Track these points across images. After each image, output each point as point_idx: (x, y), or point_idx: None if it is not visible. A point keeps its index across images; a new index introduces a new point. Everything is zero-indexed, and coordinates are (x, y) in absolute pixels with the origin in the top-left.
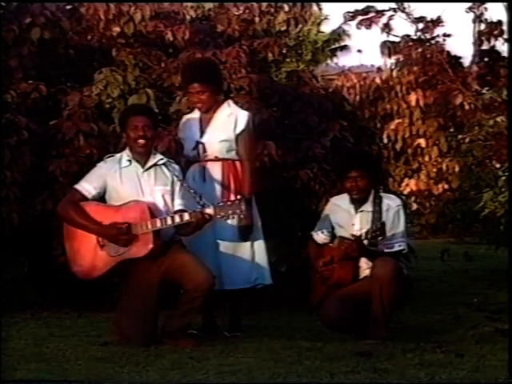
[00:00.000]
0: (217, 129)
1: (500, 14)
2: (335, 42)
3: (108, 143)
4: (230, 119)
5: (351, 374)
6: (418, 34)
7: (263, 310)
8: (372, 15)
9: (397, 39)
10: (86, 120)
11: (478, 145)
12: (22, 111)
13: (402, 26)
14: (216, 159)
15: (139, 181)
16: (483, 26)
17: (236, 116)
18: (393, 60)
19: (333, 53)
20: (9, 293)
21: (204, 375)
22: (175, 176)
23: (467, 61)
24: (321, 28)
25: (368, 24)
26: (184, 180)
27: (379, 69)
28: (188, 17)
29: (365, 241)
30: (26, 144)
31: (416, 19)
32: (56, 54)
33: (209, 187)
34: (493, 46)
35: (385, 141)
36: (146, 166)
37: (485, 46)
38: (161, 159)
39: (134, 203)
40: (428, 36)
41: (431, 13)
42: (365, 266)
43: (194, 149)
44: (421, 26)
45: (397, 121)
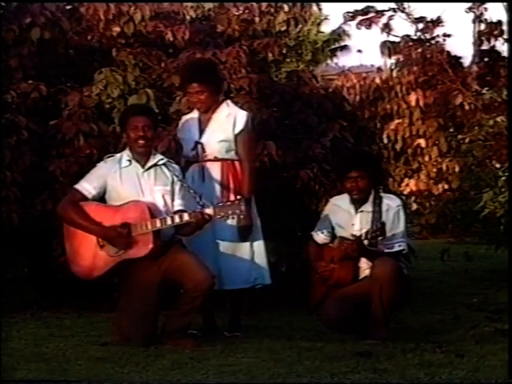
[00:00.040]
0: (216, 129)
1: (500, 14)
2: (335, 42)
3: (108, 143)
4: (229, 119)
5: (351, 374)
6: (418, 34)
7: (263, 310)
8: (372, 15)
9: (397, 39)
10: (86, 120)
11: (478, 145)
12: (22, 111)
13: (402, 26)
14: (215, 159)
15: (139, 181)
16: (483, 26)
17: (235, 116)
18: (393, 60)
19: (333, 53)
20: (9, 293)
21: (204, 375)
22: (175, 176)
23: (467, 61)
24: (321, 28)
25: (368, 24)
26: (184, 180)
27: (379, 69)
28: (188, 17)
29: (365, 241)
30: (26, 144)
31: (416, 19)
32: (56, 54)
33: (208, 187)
34: (493, 46)
35: (385, 141)
36: (146, 166)
37: (485, 46)
38: (161, 159)
39: (134, 203)
40: (428, 36)
41: (431, 13)
42: (365, 266)
43: (193, 149)
44: (421, 26)
45: (397, 121)
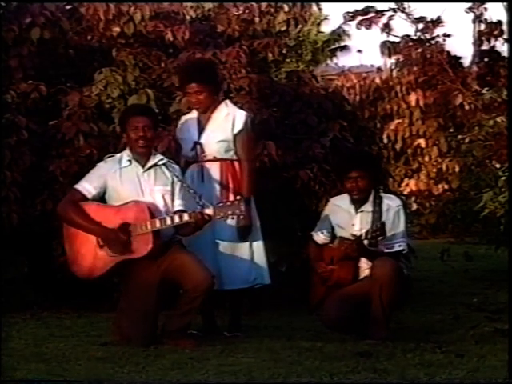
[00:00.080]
0: (215, 129)
1: (500, 14)
2: (335, 42)
3: (108, 143)
4: (228, 119)
5: (351, 374)
6: (418, 34)
7: (263, 310)
8: (372, 15)
9: (397, 39)
10: (86, 120)
11: (478, 145)
12: (22, 111)
13: (402, 26)
14: (214, 159)
15: (139, 181)
16: (483, 26)
17: (234, 116)
18: (393, 60)
19: (333, 53)
20: (9, 293)
21: (204, 375)
22: (175, 176)
23: (467, 61)
24: (321, 28)
25: (368, 24)
26: (184, 180)
27: (379, 69)
28: (188, 17)
29: (365, 241)
30: (26, 144)
31: (416, 19)
32: (56, 54)
33: (207, 187)
34: (493, 46)
35: (385, 141)
36: (146, 167)
37: (485, 46)
38: (161, 159)
39: (134, 203)
40: (428, 36)
41: (431, 13)
42: (365, 267)
43: (193, 149)
44: (421, 26)
45: (397, 121)
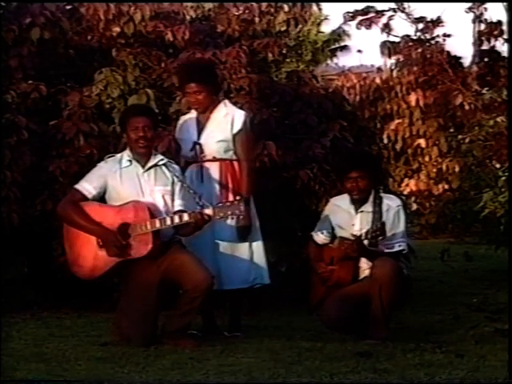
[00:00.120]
0: (214, 129)
1: (500, 14)
2: (335, 42)
3: (108, 143)
4: (227, 119)
5: (351, 374)
6: (418, 35)
7: (263, 310)
8: (372, 15)
9: (397, 39)
10: (86, 120)
11: (478, 145)
12: (22, 111)
13: (402, 26)
14: (214, 159)
15: (139, 181)
16: (483, 26)
17: (233, 116)
18: (393, 60)
19: (333, 53)
20: (9, 293)
21: (204, 375)
22: (175, 176)
23: (467, 61)
24: (321, 28)
25: (368, 24)
26: (184, 180)
27: (379, 69)
28: (188, 17)
29: (365, 241)
30: (26, 144)
31: (416, 19)
32: (56, 54)
33: (207, 187)
34: (493, 47)
35: (385, 141)
36: (147, 167)
37: (485, 46)
38: (161, 160)
39: (134, 203)
40: (428, 36)
41: (431, 13)
42: (365, 267)
43: (192, 149)
44: (421, 26)
45: (397, 121)
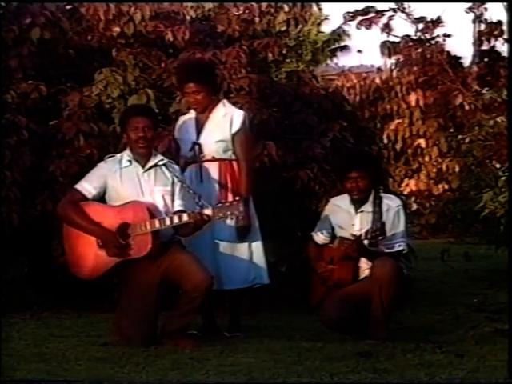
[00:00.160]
0: (213, 129)
1: (500, 15)
2: (335, 43)
3: (108, 143)
4: (226, 119)
5: (351, 375)
6: (418, 35)
7: (263, 310)
8: (372, 15)
9: (397, 39)
10: (86, 120)
11: (478, 145)
12: (22, 111)
13: (402, 27)
14: (213, 159)
15: (139, 181)
16: (483, 27)
17: (231, 116)
18: (393, 60)
19: (333, 53)
20: (9, 293)
21: (204, 375)
22: (175, 177)
23: (467, 61)
24: (321, 28)
25: (368, 24)
26: (184, 181)
27: (379, 69)
28: (188, 17)
29: (365, 241)
30: (26, 144)
31: (416, 19)
32: (56, 54)
33: (206, 187)
34: (493, 47)
35: (385, 141)
36: (147, 167)
37: (485, 47)
38: (161, 160)
39: (134, 204)
40: (428, 36)
41: (431, 13)
42: (365, 267)
43: (191, 149)
44: (421, 27)
45: (397, 121)
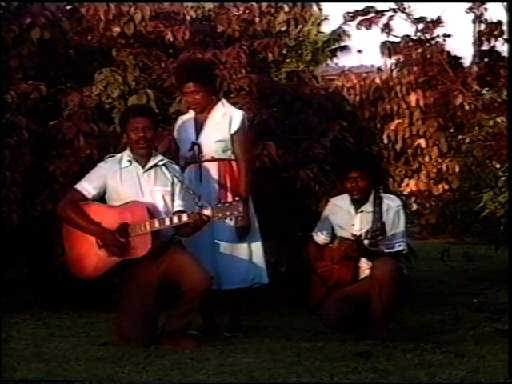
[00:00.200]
0: (212, 129)
1: (500, 15)
2: (335, 43)
3: (108, 143)
4: (225, 119)
5: (351, 375)
6: (418, 35)
7: (263, 310)
8: (372, 15)
9: (397, 39)
10: (86, 120)
11: (478, 145)
12: (22, 111)
13: (402, 27)
14: (212, 159)
15: (139, 181)
16: (483, 27)
17: (230, 115)
18: (393, 60)
19: (333, 53)
20: (9, 293)
21: (204, 375)
22: (175, 177)
23: (467, 61)
24: (321, 28)
25: (368, 24)
26: (184, 181)
27: (379, 69)
28: (188, 17)
29: (365, 241)
30: (26, 144)
31: (416, 19)
32: (56, 55)
33: (205, 187)
34: (493, 47)
35: (385, 141)
36: (147, 167)
37: (485, 47)
38: (161, 160)
39: (134, 204)
40: (428, 36)
41: (431, 13)
42: (365, 267)
43: (190, 150)
44: (421, 27)
45: (397, 121)
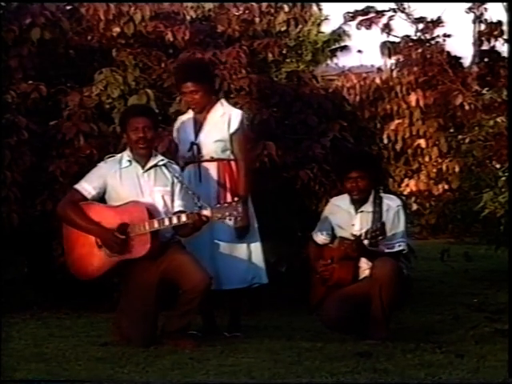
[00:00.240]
0: (211, 129)
1: (500, 15)
2: (335, 43)
3: (108, 144)
4: (224, 119)
5: (351, 375)
6: (418, 35)
7: (263, 310)
8: (372, 15)
9: (397, 40)
10: (86, 120)
11: (478, 145)
12: (22, 111)
13: (402, 27)
14: (211, 159)
15: (139, 181)
16: (483, 27)
17: (229, 115)
18: (393, 60)
19: (333, 53)
20: (9, 293)
21: (204, 375)
22: (175, 177)
23: (467, 61)
24: (321, 28)
25: (368, 24)
26: (184, 181)
27: (379, 69)
28: (188, 17)
29: (365, 241)
30: (26, 144)
31: (416, 19)
32: (56, 55)
33: (205, 187)
34: (493, 47)
35: (385, 141)
36: (147, 167)
37: (485, 47)
38: (161, 160)
39: (133, 204)
40: (428, 36)
41: (431, 13)
42: (365, 267)
43: (190, 150)
44: (421, 27)
45: (397, 121)
